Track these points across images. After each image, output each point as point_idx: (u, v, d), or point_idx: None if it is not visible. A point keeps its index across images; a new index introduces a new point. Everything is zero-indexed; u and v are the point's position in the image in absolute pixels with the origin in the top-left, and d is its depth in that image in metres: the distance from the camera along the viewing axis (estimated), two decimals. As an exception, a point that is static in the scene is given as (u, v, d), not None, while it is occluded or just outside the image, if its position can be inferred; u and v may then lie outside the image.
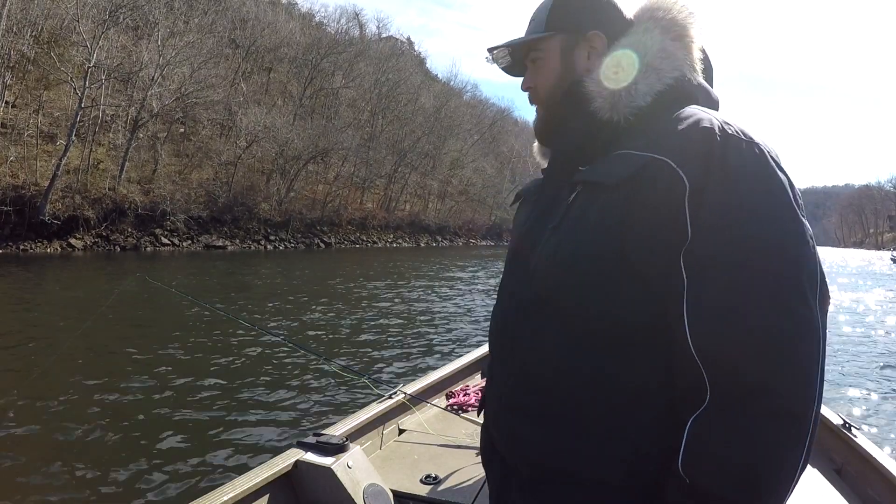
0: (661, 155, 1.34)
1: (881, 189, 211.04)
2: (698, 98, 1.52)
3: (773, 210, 1.26)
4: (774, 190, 1.28)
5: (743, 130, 1.34)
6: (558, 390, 1.43)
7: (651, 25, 1.54)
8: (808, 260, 1.25)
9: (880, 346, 15.57)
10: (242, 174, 55.92)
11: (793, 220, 1.26)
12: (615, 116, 1.51)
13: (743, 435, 1.19)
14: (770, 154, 1.33)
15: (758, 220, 1.25)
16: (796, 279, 1.22)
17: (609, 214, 1.38)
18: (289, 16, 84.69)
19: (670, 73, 1.50)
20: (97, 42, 41.58)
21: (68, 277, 25.16)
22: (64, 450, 6.48)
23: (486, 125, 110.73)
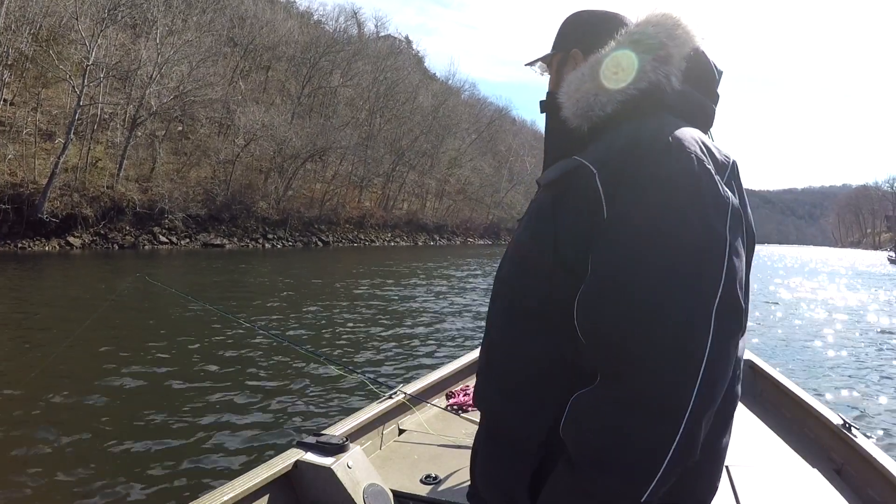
0: (587, 160, 1.48)
1: (878, 189, 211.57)
2: (672, 105, 1.57)
3: (670, 218, 1.32)
4: (682, 200, 1.34)
5: (675, 141, 1.42)
6: (499, 362, 1.63)
7: (624, 40, 1.61)
8: (697, 265, 1.29)
9: (880, 346, 15.58)
10: (240, 173, 55.92)
11: (690, 229, 1.31)
12: (580, 124, 1.63)
13: (596, 419, 1.30)
14: (696, 165, 1.38)
15: (652, 225, 1.33)
16: (678, 282, 1.28)
17: (541, 211, 1.57)
18: (287, 14, 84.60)
19: (635, 84, 1.56)
20: (96, 40, 41.56)
21: (67, 276, 25.17)
22: (63, 449, 6.48)
23: (483, 124, 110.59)
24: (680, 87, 1.59)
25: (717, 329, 1.26)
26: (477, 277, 30.67)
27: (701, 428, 1.27)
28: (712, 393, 1.27)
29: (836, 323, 19.55)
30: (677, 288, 1.28)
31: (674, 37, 1.58)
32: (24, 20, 42.09)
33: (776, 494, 3.62)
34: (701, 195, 1.34)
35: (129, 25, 50.02)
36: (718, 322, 1.26)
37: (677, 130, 1.45)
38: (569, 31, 1.82)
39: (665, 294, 1.27)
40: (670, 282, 1.28)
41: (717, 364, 1.26)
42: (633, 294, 1.29)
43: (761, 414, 4.99)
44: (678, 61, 1.59)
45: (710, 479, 1.54)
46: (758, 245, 1.63)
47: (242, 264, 33.35)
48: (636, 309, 1.28)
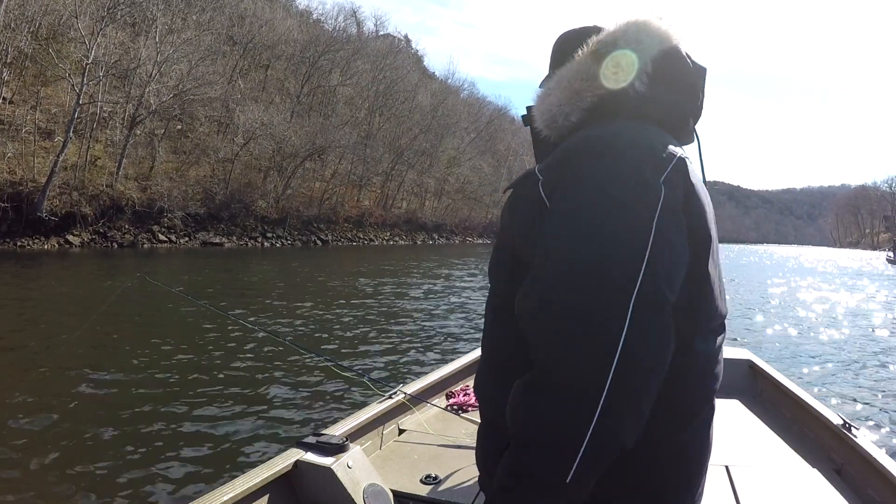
0: (536, 167, 1.59)
1: (877, 189, 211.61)
2: (634, 108, 1.61)
3: (589, 212, 1.39)
4: (601, 194, 1.40)
5: (613, 146, 1.47)
6: (485, 352, 1.75)
7: (583, 52, 1.67)
8: (617, 258, 1.33)
9: (879, 346, 15.59)
10: (240, 171, 55.99)
11: (611, 223, 1.36)
12: (550, 135, 1.70)
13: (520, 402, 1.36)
14: (632, 169, 1.43)
15: (573, 221, 1.40)
16: (595, 275, 1.32)
17: (503, 216, 1.68)
18: (286, 13, 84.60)
19: (593, 91, 1.62)
20: (95, 39, 41.56)
21: (66, 275, 25.17)
22: (62, 449, 6.47)
23: (482, 123, 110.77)
24: (645, 90, 1.62)
25: (635, 322, 1.28)
26: (476, 277, 30.65)
27: (626, 415, 1.29)
28: (634, 380, 1.28)
29: (835, 323, 19.57)
30: (588, 280, 1.32)
31: (637, 41, 1.62)
32: (24, 18, 42.06)
33: (776, 494, 3.62)
34: (623, 190, 1.39)
35: (128, 24, 50.03)
36: (636, 315, 1.28)
37: (619, 132, 1.51)
38: (552, 54, 1.89)
39: (575, 285, 1.33)
40: (582, 274, 1.33)
41: (636, 352, 1.27)
42: (548, 287, 1.36)
43: (761, 414, 4.99)
44: (642, 65, 1.62)
45: (678, 475, 1.55)
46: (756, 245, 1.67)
47: (241, 263, 33.37)
48: (549, 301, 1.35)
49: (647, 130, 1.53)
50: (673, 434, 1.50)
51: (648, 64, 1.62)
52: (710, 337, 1.56)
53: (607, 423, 1.26)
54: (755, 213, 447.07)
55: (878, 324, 20.00)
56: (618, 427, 1.28)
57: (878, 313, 22.99)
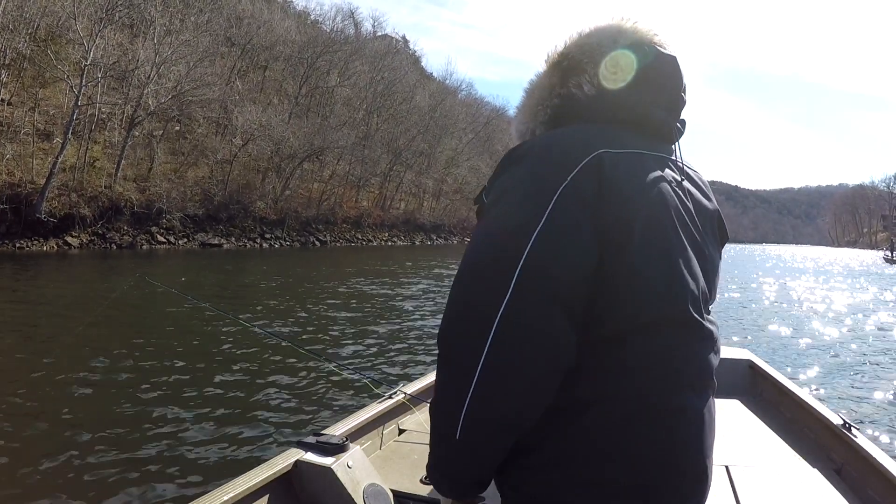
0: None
1: (875, 189, 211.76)
2: (584, 111, 1.68)
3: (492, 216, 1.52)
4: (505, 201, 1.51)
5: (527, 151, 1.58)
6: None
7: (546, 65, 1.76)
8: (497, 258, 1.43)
9: (879, 346, 15.59)
10: (238, 172, 55.96)
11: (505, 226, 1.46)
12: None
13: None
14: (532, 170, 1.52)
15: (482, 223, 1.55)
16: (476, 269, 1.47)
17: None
18: (284, 14, 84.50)
19: (549, 101, 1.72)
20: (94, 40, 41.52)
21: (65, 276, 25.17)
22: (62, 449, 6.47)
23: (480, 124, 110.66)
24: (595, 92, 1.66)
25: (512, 306, 1.36)
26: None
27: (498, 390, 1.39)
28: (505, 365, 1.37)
29: (834, 322, 19.57)
30: (475, 270, 1.46)
31: (583, 45, 1.69)
32: (22, 20, 42.01)
33: (776, 494, 3.61)
34: (519, 191, 1.49)
35: (126, 25, 50.00)
36: (514, 301, 1.36)
37: (542, 137, 1.63)
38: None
39: (465, 274, 1.48)
40: (471, 266, 1.47)
41: (506, 339, 1.36)
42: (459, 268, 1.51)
43: (761, 414, 4.99)
44: (592, 68, 1.66)
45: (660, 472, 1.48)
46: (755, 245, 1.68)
47: (240, 264, 33.38)
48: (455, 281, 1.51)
49: (574, 131, 1.59)
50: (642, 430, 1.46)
51: (601, 66, 1.66)
52: (657, 329, 1.51)
53: (481, 393, 1.37)
54: (753, 213, 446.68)
55: (878, 323, 20.01)
56: (493, 398, 1.39)
57: (877, 312, 23.00)
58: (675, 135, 1.76)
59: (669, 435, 1.49)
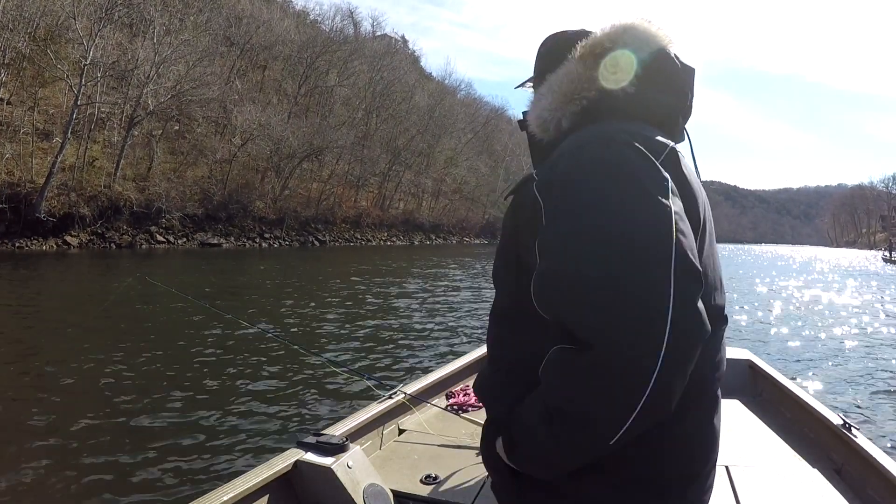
0: (533, 170, 1.66)
1: (874, 189, 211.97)
2: (623, 109, 1.66)
3: (600, 198, 1.41)
4: (608, 181, 1.43)
5: (602, 138, 1.52)
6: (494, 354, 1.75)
7: (571, 57, 1.72)
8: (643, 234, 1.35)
9: (879, 346, 15.58)
10: (237, 172, 56.04)
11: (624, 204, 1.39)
12: (544, 137, 1.77)
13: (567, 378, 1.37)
14: (622, 154, 1.47)
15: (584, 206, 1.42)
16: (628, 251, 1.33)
17: (505, 220, 1.71)
18: (283, 14, 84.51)
19: (585, 94, 1.68)
20: (93, 39, 41.52)
21: (64, 275, 25.15)
22: (61, 449, 6.47)
23: (479, 123, 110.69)
24: (634, 91, 1.66)
25: (678, 292, 1.30)
26: (474, 277, 30.68)
27: (671, 387, 1.31)
28: (683, 354, 1.30)
29: (834, 322, 19.57)
30: (629, 260, 1.32)
31: (623, 43, 1.67)
32: (22, 19, 42.00)
33: (776, 494, 3.61)
34: (632, 172, 1.43)
35: (125, 25, 50.01)
36: (678, 285, 1.30)
37: (614, 129, 1.55)
38: (540, 57, 1.93)
39: (617, 268, 1.32)
40: (621, 256, 1.33)
41: (682, 326, 1.29)
42: (583, 272, 1.35)
43: (761, 414, 4.99)
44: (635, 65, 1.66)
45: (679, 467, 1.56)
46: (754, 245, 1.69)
47: (240, 264, 33.37)
48: (588, 286, 1.33)
49: (638, 127, 1.57)
50: (672, 425, 1.50)
51: (638, 66, 1.66)
52: (721, 332, 1.60)
53: (656, 395, 1.29)
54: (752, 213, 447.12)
55: (878, 323, 20.00)
56: (665, 397, 1.31)
57: (877, 312, 23.00)
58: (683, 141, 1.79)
59: (713, 422, 1.63)
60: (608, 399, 1.31)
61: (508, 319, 1.67)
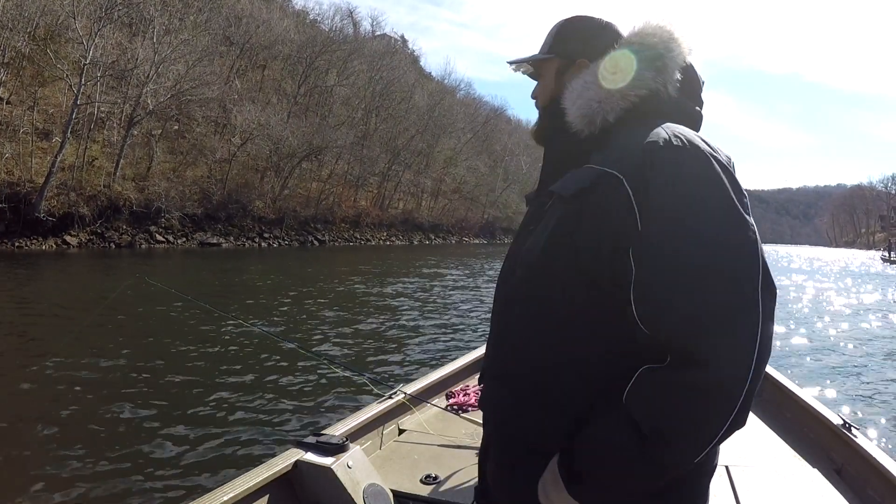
0: (612, 168, 1.53)
1: (873, 189, 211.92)
2: (669, 112, 1.65)
3: (706, 207, 1.42)
4: (710, 190, 1.44)
5: (689, 141, 1.50)
6: (521, 365, 1.65)
7: (638, 52, 1.68)
8: (741, 249, 1.40)
9: (879, 346, 15.59)
10: (237, 172, 55.94)
11: (727, 215, 1.42)
12: (585, 130, 1.71)
13: (669, 392, 1.37)
14: (712, 159, 1.48)
15: (692, 215, 1.41)
16: (731, 266, 1.37)
17: (565, 221, 1.59)
18: (283, 13, 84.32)
19: (636, 91, 1.65)
20: (93, 39, 41.50)
21: (64, 275, 25.15)
22: (61, 449, 6.47)
23: (479, 123, 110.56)
24: (676, 96, 1.68)
25: (763, 310, 1.36)
26: (474, 277, 30.67)
27: (750, 401, 1.36)
28: (762, 370, 1.35)
29: (834, 322, 19.58)
30: (730, 277, 1.36)
31: (670, 48, 1.67)
32: (21, 18, 41.96)
33: (776, 494, 3.62)
34: (727, 189, 1.44)
35: (125, 24, 49.96)
36: (763, 303, 1.36)
37: (685, 133, 1.52)
38: (569, 38, 1.88)
39: (721, 285, 1.35)
40: (723, 273, 1.36)
41: (766, 342, 1.35)
42: (694, 288, 1.36)
43: (761, 414, 4.99)
44: (673, 71, 1.67)
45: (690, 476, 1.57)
46: None
47: (239, 263, 33.34)
48: (700, 302, 1.35)
49: (694, 133, 1.58)
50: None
51: (678, 71, 1.68)
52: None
53: (741, 413, 1.35)
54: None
55: (877, 323, 20.02)
56: (745, 414, 1.36)
57: (875, 312, 23.01)
58: None
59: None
60: (707, 417, 1.35)
61: (552, 328, 1.60)
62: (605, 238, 1.49)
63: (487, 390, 1.83)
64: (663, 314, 1.38)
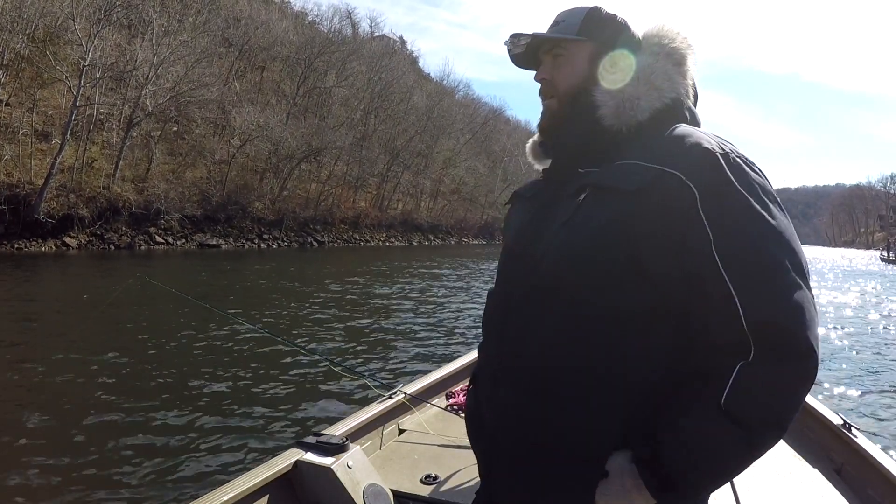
0: (672, 168, 1.51)
1: (872, 189, 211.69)
2: (687, 118, 1.69)
3: (770, 210, 1.50)
4: (766, 194, 1.53)
5: (733, 147, 1.56)
6: (555, 369, 1.57)
7: (658, 50, 1.70)
8: (799, 247, 1.51)
9: (878, 345, 15.60)
10: (236, 173, 55.95)
11: (783, 217, 1.53)
12: (616, 125, 1.67)
13: (779, 383, 1.42)
14: (753, 164, 1.56)
15: (762, 218, 1.48)
16: (801, 262, 1.48)
17: (621, 217, 1.53)
18: (282, 15, 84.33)
19: (669, 93, 1.66)
20: (92, 41, 41.51)
21: (64, 276, 25.17)
22: (61, 450, 6.47)
23: (478, 124, 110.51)
24: (692, 105, 1.72)
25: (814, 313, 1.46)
26: (473, 278, 30.69)
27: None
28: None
29: (833, 322, 19.56)
30: (805, 272, 1.48)
31: (690, 55, 1.71)
32: (21, 20, 41.95)
33: (776, 494, 3.62)
34: (772, 192, 1.55)
35: (124, 26, 49.95)
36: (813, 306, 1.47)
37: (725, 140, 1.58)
38: (607, 27, 1.78)
39: (800, 282, 1.45)
40: (801, 268, 1.47)
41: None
42: (786, 287, 1.44)
43: None
44: (691, 79, 1.71)
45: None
46: None
47: (239, 265, 33.36)
48: (792, 299, 1.43)
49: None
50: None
51: (694, 80, 1.71)
52: None
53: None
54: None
55: (878, 323, 20.02)
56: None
57: (875, 312, 23.02)
58: None
59: None
60: (798, 404, 1.46)
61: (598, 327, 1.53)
62: (672, 236, 1.49)
63: (503, 395, 1.69)
64: (761, 308, 1.43)
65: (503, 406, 1.69)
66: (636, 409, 1.51)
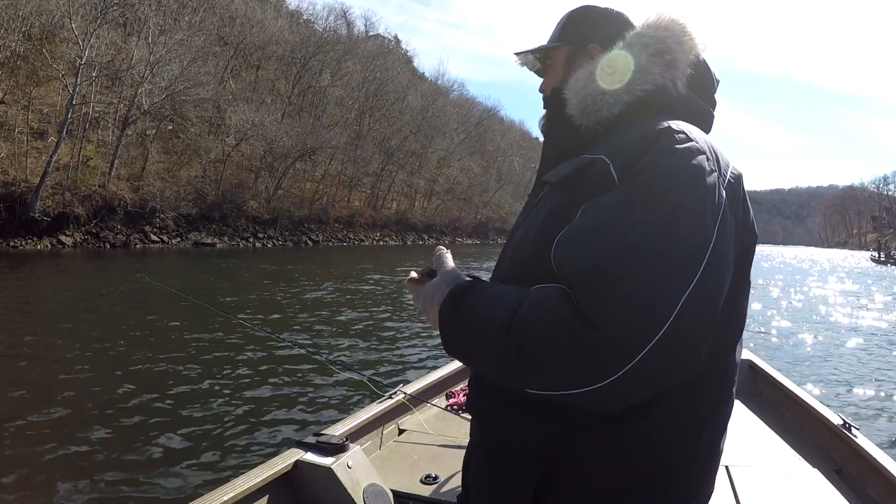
0: (601, 154, 1.49)
1: (864, 190, 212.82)
2: (677, 109, 1.60)
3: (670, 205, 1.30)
4: (683, 191, 1.33)
5: (688, 138, 1.43)
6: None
7: (634, 41, 1.63)
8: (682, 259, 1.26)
9: (877, 345, 15.64)
10: (231, 172, 55.87)
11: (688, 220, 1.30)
12: (585, 122, 1.65)
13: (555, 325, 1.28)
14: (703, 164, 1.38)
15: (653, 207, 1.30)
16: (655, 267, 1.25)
17: (556, 207, 1.54)
18: (277, 14, 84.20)
19: (641, 85, 1.59)
20: (88, 39, 41.45)
21: (59, 275, 25.09)
22: (61, 450, 6.47)
23: (472, 124, 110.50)
24: (685, 93, 1.64)
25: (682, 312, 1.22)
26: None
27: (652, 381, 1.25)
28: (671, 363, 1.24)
29: (832, 322, 19.66)
30: (653, 268, 1.25)
31: (681, 42, 1.62)
32: (16, 18, 41.90)
33: (776, 494, 3.63)
34: (702, 192, 1.34)
35: (120, 24, 49.91)
36: (684, 309, 1.22)
37: (688, 128, 1.47)
38: (581, 25, 1.82)
39: (641, 270, 1.25)
40: (650, 261, 1.25)
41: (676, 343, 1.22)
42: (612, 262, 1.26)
43: (761, 414, 5.01)
44: (684, 67, 1.63)
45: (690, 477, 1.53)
46: None
47: (234, 263, 33.32)
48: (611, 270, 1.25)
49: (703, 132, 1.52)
50: (691, 437, 1.48)
51: (688, 67, 1.64)
52: (739, 343, 1.59)
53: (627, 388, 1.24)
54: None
55: (875, 323, 20.08)
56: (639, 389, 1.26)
57: (871, 312, 23.08)
58: None
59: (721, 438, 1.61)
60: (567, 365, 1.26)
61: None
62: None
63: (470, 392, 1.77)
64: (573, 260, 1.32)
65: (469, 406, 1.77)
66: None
